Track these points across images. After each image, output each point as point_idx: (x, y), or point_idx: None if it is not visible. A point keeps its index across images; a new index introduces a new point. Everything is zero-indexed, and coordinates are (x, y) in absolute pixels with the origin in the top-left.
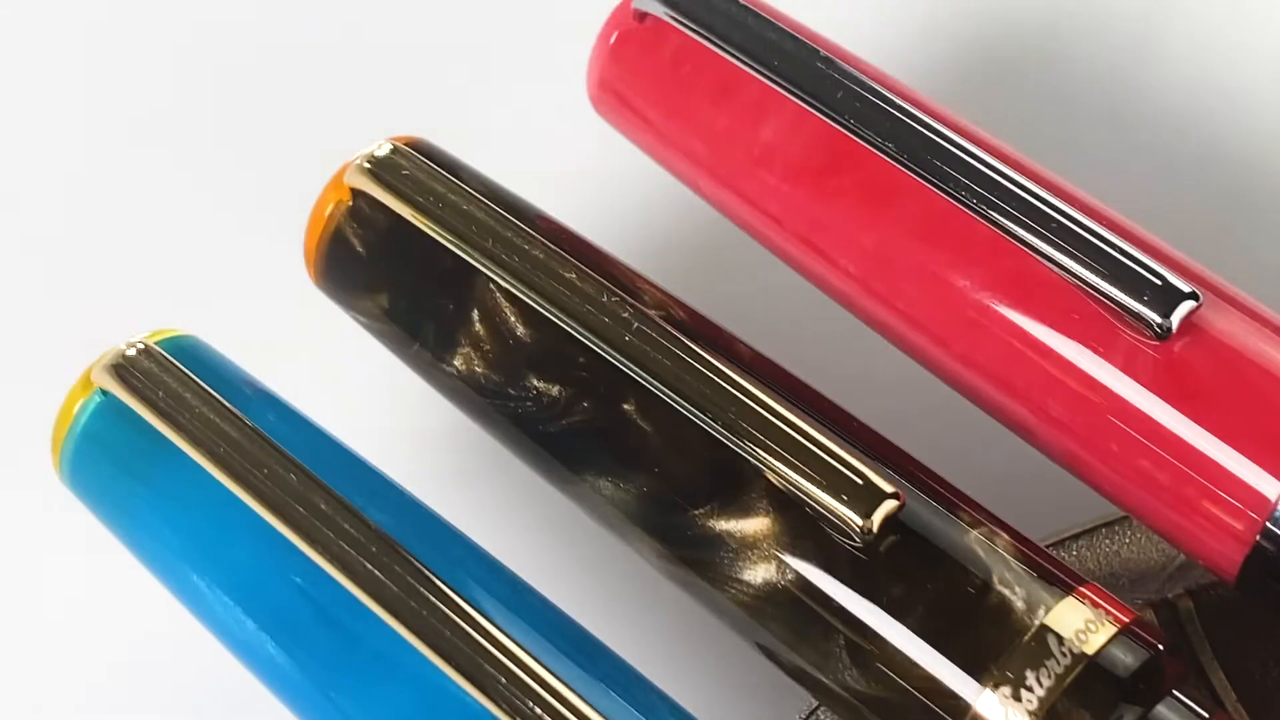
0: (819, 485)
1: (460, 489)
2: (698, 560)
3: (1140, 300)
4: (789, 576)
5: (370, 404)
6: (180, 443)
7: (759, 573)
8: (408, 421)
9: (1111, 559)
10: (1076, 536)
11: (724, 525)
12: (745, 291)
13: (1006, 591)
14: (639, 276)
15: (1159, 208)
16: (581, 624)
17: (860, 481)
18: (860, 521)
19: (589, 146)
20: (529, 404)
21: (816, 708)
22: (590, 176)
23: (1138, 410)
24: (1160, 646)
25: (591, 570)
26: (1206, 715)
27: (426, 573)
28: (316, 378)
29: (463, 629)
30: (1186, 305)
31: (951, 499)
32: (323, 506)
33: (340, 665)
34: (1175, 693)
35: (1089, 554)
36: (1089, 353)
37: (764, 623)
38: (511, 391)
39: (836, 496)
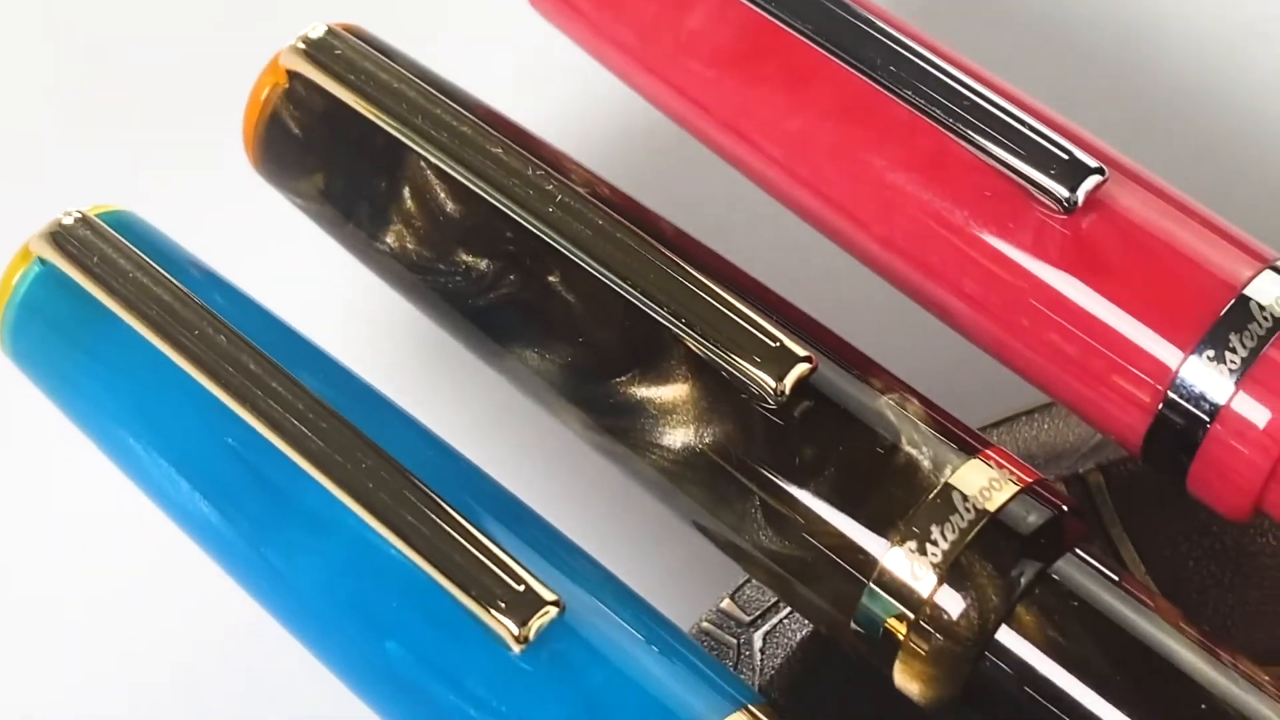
0: (734, 350)
1: (399, 372)
2: (620, 428)
3: (1048, 174)
4: (706, 440)
5: (310, 292)
6: (115, 307)
7: (678, 437)
8: (342, 307)
9: (1029, 443)
10: (997, 424)
11: (644, 392)
12: (682, 191)
13: (914, 452)
14: (567, 158)
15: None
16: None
17: (774, 345)
18: (773, 384)
19: (531, 43)
20: (458, 279)
21: (744, 582)
22: (531, 74)
23: (1046, 284)
24: (1064, 508)
25: (529, 455)
26: (1108, 571)
27: (354, 432)
28: (256, 264)
29: (390, 484)
30: (1092, 180)
31: (864, 366)
32: (252, 367)
33: (271, 522)
34: (1078, 550)
35: (1008, 439)
36: (1001, 229)
37: (684, 488)
38: (441, 267)
39: (750, 360)
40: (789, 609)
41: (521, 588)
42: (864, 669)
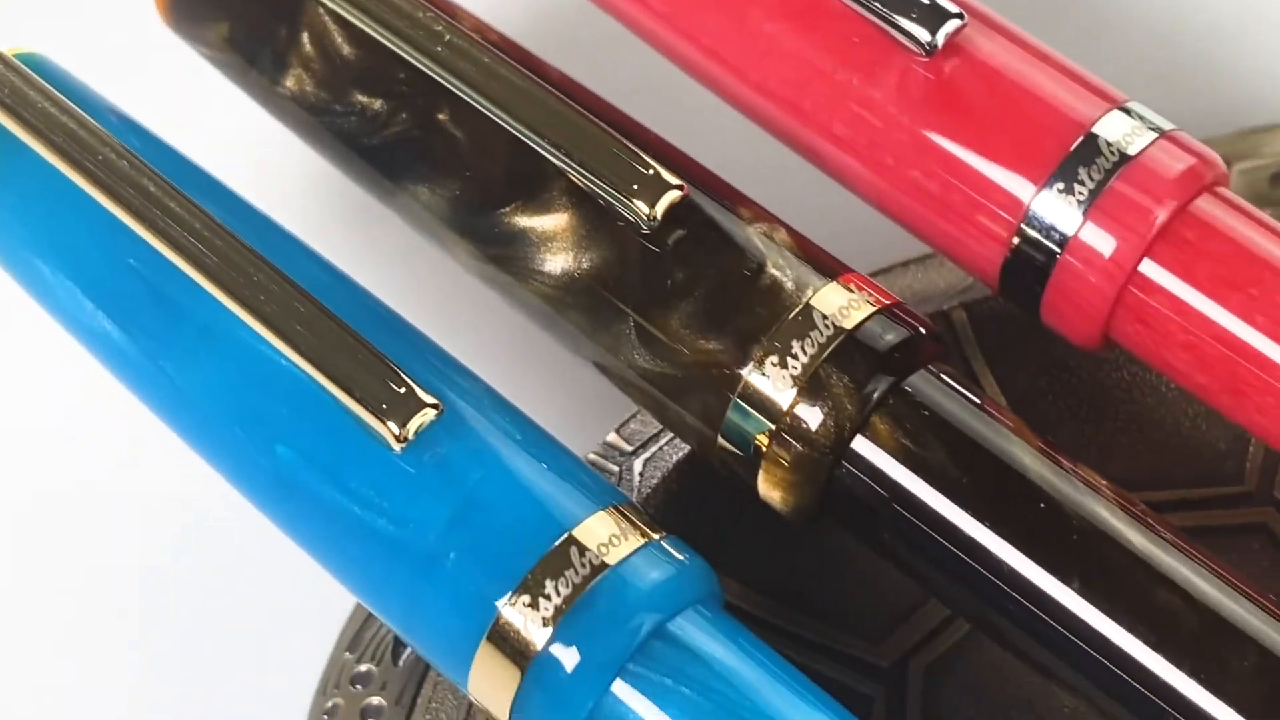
0: (610, 179)
1: (303, 216)
2: (505, 257)
3: (910, 19)
4: (584, 267)
5: (217, 140)
6: (24, 136)
7: (558, 264)
8: (245, 154)
9: (902, 291)
10: (874, 275)
11: (527, 222)
12: (569, 46)
13: (778, 275)
14: (459, 7)
15: None
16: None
17: (647, 174)
18: (646, 210)
19: None
20: (353, 119)
21: (630, 417)
22: None
23: (908, 125)
24: (921, 330)
25: (430, 298)
26: (960, 387)
27: (246, 248)
28: (165, 115)
29: (279, 296)
30: (952, 24)
31: (734, 198)
32: (152, 189)
33: (168, 336)
34: (931, 367)
35: (885, 286)
36: (867, 73)
37: (564, 313)
38: (338, 109)
39: (625, 188)
40: (669, 437)
41: (403, 390)
42: (733, 484)
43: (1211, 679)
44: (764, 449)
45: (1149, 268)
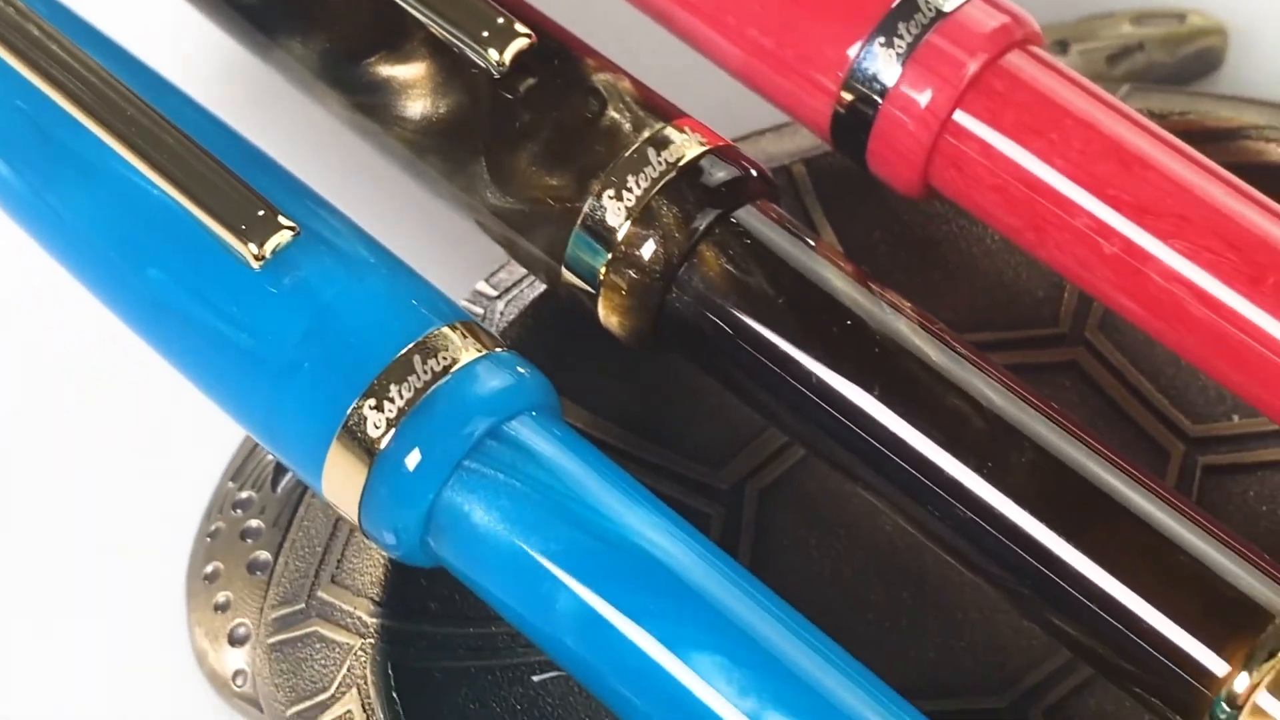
0: (463, 28)
1: (191, 78)
2: (370, 105)
3: None
4: (441, 111)
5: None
6: None
7: (418, 109)
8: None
9: (759, 154)
10: (737, 140)
11: (389, 71)
12: None
13: (618, 117)
14: None
15: None
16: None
17: (499, 22)
18: (496, 56)
19: None
20: None
21: (499, 268)
22: None
23: None
24: (751, 171)
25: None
26: (787, 223)
27: (122, 86)
28: None
29: (151, 131)
30: None
31: (581, 49)
32: (36, 34)
33: (53, 171)
34: (758, 204)
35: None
36: None
37: (424, 157)
38: None
39: (477, 36)
40: (530, 280)
41: (261, 213)
42: (581, 316)
43: (994, 473)
44: (603, 277)
45: (962, 116)
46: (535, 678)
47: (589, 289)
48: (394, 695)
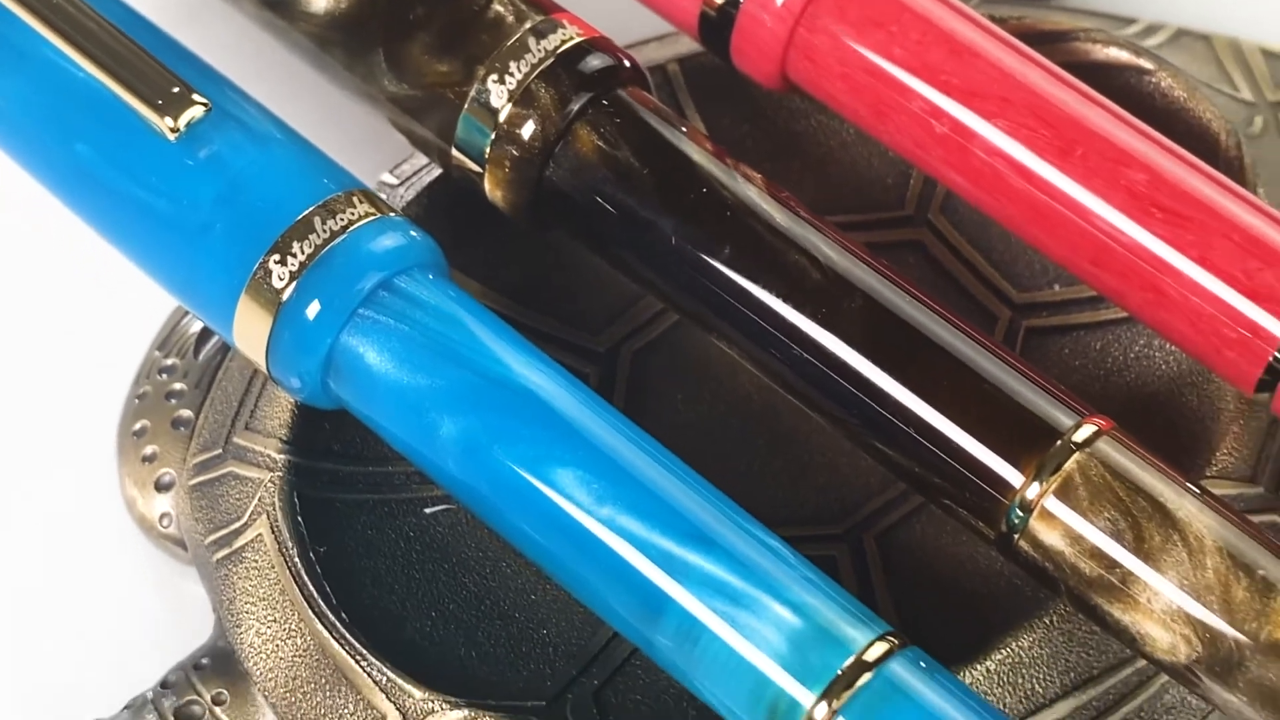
0: None
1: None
2: (278, 2)
3: None
4: (342, 5)
5: None
6: None
7: (322, 4)
8: None
9: (646, 59)
10: (628, 47)
11: None
12: None
13: (503, 11)
14: None
15: None
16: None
17: None
18: None
19: None
20: None
21: (402, 160)
22: None
23: None
24: (624, 62)
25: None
26: (651, 107)
27: None
28: None
29: (75, 17)
30: None
31: None
32: None
33: None
34: (630, 89)
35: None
36: None
37: (329, 50)
38: None
39: None
40: (429, 167)
41: (176, 89)
42: (471, 197)
43: (828, 318)
44: (488, 155)
45: (813, 10)
46: (427, 510)
47: (476, 168)
48: (299, 519)
